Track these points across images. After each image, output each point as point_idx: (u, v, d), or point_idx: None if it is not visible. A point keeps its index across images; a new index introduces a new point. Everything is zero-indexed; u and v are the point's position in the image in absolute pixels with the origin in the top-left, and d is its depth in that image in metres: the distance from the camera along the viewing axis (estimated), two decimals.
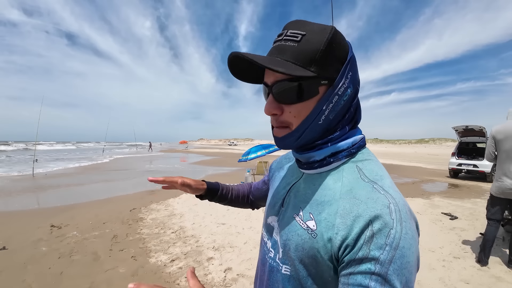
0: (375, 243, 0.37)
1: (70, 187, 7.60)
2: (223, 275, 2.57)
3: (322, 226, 0.43)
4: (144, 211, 4.90)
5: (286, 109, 0.46)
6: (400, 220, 0.38)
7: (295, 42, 0.43)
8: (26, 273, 2.62)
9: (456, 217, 4.48)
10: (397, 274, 0.35)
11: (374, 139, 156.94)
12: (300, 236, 0.46)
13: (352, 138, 0.49)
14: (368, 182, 0.44)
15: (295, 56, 0.42)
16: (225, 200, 0.83)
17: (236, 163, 15.11)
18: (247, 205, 0.88)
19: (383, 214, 0.38)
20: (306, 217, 0.47)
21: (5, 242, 3.36)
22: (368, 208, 0.39)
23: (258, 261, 0.61)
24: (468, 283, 2.41)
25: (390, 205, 0.39)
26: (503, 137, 2.58)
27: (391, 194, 0.41)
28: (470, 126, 9.11)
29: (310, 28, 0.44)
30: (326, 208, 0.44)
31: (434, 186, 8.00)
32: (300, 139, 0.47)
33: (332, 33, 0.43)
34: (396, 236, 0.37)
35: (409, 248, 0.37)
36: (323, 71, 0.43)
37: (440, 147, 68.19)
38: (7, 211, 4.91)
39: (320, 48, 0.42)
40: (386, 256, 0.36)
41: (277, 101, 0.46)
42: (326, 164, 0.49)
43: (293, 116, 0.46)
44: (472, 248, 3.18)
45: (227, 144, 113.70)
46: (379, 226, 0.37)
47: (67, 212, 4.84)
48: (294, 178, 0.57)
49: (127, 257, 2.99)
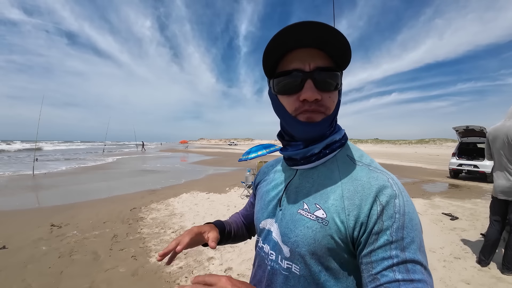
0: (386, 214, 0.41)
1: (70, 186, 7.60)
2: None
3: (332, 212, 0.45)
4: (144, 211, 4.89)
5: (324, 95, 0.47)
6: (400, 191, 0.43)
7: None
8: (26, 273, 2.62)
9: (457, 218, 4.47)
10: (411, 237, 0.40)
11: (374, 139, 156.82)
12: (310, 228, 0.47)
13: (342, 131, 0.54)
14: (363, 165, 0.49)
15: None
16: (229, 239, 0.73)
17: (236, 163, 15.10)
18: (247, 236, 0.81)
19: (386, 188, 0.43)
20: (312, 208, 0.48)
21: (5, 241, 3.36)
22: (372, 185, 0.44)
23: (256, 268, 0.60)
24: (469, 284, 2.41)
25: (389, 179, 0.45)
26: (492, 138, 2.62)
27: (386, 172, 0.48)
28: (470, 126, 9.09)
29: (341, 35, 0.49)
30: (331, 195, 0.47)
31: (435, 187, 8.00)
32: (331, 124, 0.51)
33: None
34: (401, 204, 0.42)
35: (413, 211, 0.42)
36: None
37: (441, 148, 68.16)
38: (7, 210, 4.91)
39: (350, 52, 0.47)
40: (398, 223, 0.40)
41: (319, 87, 0.46)
42: (323, 156, 0.51)
43: (332, 101, 0.48)
44: (473, 248, 3.18)
45: (227, 144, 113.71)
46: (385, 198, 0.42)
47: (67, 211, 4.84)
48: (287, 178, 0.58)
49: (127, 256, 2.99)
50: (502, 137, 2.49)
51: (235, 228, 0.77)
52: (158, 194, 6.27)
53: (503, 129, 2.49)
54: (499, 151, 2.54)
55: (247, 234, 0.81)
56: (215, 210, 4.93)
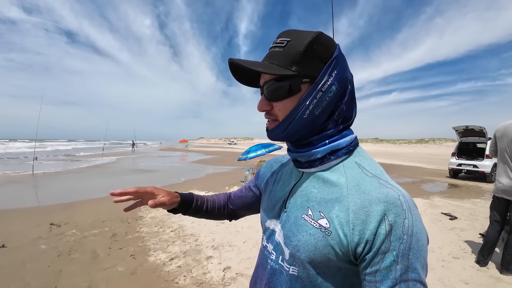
0: (394, 235, 0.40)
1: (69, 185, 7.61)
2: (222, 274, 2.57)
3: (336, 223, 0.45)
4: (144, 210, 4.89)
5: (275, 106, 0.51)
6: (409, 209, 0.42)
7: (281, 48, 0.48)
8: (25, 271, 2.62)
9: (456, 217, 4.48)
10: (417, 257, 0.40)
11: (374, 138, 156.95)
12: (312, 235, 0.47)
13: (349, 137, 0.52)
14: (372, 177, 0.47)
15: (280, 59, 0.48)
16: (199, 213, 0.76)
17: (236, 162, 15.10)
18: (224, 216, 0.82)
19: (396, 207, 0.42)
20: (316, 216, 0.48)
21: (4, 240, 3.36)
22: (381, 202, 0.42)
23: (257, 265, 0.61)
24: (467, 284, 2.41)
25: (400, 197, 0.43)
26: (500, 136, 2.59)
27: (397, 187, 0.45)
28: (470, 126, 9.10)
29: (296, 34, 0.48)
30: (336, 205, 0.46)
31: (434, 186, 8.00)
32: (287, 130, 0.50)
33: (314, 36, 0.47)
34: (409, 224, 0.41)
35: (420, 232, 0.42)
36: (304, 70, 0.47)
37: (440, 147, 68.19)
38: (6, 209, 4.91)
39: (300, 50, 0.46)
40: (405, 244, 0.40)
41: (267, 99, 0.51)
42: (327, 162, 0.51)
43: (278, 110, 0.51)
44: (472, 248, 3.18)
45: (227, 143, 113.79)
46: (395, 218, 0.41)
47: (67, 210, 4.84)
48: (294, 179, 0.58)
49: (126, 255, 2.99)
50: (509, 136, 2.47)
51: (211, 205, 0.78)
52: None
53: (511, 128, 2.48)
54: (505, 149, 2.52)
55: (226, 215, 0.81)
56: None
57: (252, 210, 0.80)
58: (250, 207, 0.79)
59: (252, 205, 0.79)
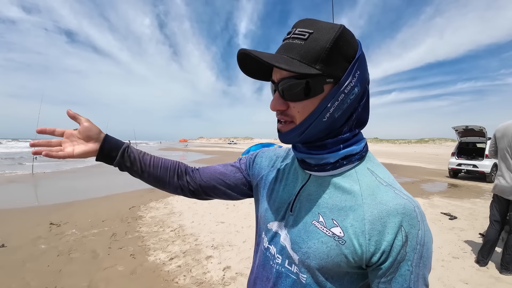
0: (410, 245, 0.41)
1: (69, 185, 7.60)
2: (222, 274, 2.57)
3: (350, 233, 0.44)
4: (143, 209, 4.89)
5: (291, 105, 0.46)
6: (422, 219, 0.43)
7: (302, 40, 0.43)
8: (25, 271, 2.62)
9: (455, 217, 4.48)
10: (425, 264, 0.42)
11: (374, 138, 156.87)
12: (325, 243, 0.45)
13: (362, 142, 0.50)
14: (387, 186, 0.46)
15: (301, 54, 0.42)
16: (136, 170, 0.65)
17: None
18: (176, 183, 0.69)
19: (412, 218, 0.42)
20: (329, 224, 0.46)
21: (4, 240, 3.36)
22: (398, 213, 0.42)
23: (257, 266, 0.59)
24: (467, 283, 2.41)
25: (415, 208, 0.43)
26: (500, 136, 2.59)
27: (411, 198, 0.45)
28: (470, 126, 9.10)
29: (318, 26, 0.43)
30: (351, 214, 0.45)
31: (434, 186, 8.01)
32: (304, 134, 0.46)
33: (340, 31, 0.43)
34: (422, 235, 0.42)
35: (430, 240, 0.43)
36: (329, 69, 0.43)
37: (440, 147, 68.23)
38: (6, 209, 4.90)
39: (326, 46, 0.41)
40: (418, 254, 0.42)
41: (283, 98, 0.46)
42: (339, 167, 0.49)
43: (297, 111, 0.46)
44: (471, 248, 3.19)
45: (227, 143, 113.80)
46: (410, 229, 0.42)
47: (66, 210, 4.84)
48: (300, 181, 0.55)
49: (126, 255, 2.99)
50: (510, 136, 2.48)
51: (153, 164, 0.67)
52: (157, 193, 6.27)
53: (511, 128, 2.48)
54: (505, 149, 2.53)
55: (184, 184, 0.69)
56: (214, 208, 4.93)
57: (230, 193, 0.69)
58: (230, 188, 0.69)
59: (233, 187, 0.69)
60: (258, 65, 0.49)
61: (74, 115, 0.60)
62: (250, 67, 0.49)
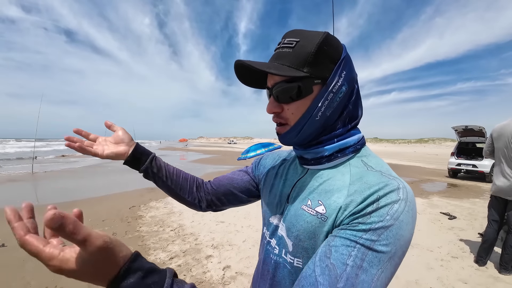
0: (378, 213, 0.39)
1: (69, 184, 7.60)
2: (221, 273, 2.58)
3: (332, 208, 0.45)
4: (143, 209, 4.90)
5: (285, 108, 0.51)
6: (406, 200, 0.41)
7: (290, 48, 0.48)
8: (25, 270, 2.62)
9: (455, 217, 4.49)
10: (388, 242, 0.38)
11: (374, 138, 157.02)
12: (310, 223, 0.47)
13: (356, 136, 0.53)
14: (376, 171, 0.47)
15: (290, 60, 0.47)
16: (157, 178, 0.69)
17: (235, 162, 15.11)
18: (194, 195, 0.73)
19: (392, 192, 0.41)
20: (314, 204, 0.48)
21: (4, 239, 3.36)
22: (380, 188, 0.42)
23: (259, 262, 0.61)
24: (466, 283, 2.42)
25: (399, 185, 0.42)
26: (497, 136, 2.60)
27: (400, 179, 0.45)
28: (469, 126, 9.12)
29: (304, 35, 0.48)
30: (336, 193, 0.46)
31: (433, 186, 8.02)
32: (300, 134, 0.50)
33: (323, 37, 0.47)
34: (399, 210, 0.39)
35: (406, 224, 0.39)
36: (316, 71, 0.47)
37: (440, 147, 68.29)
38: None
39: (312, 51, 0.46)
40: (384, 223, 0.38)
41: (277, 101, 0.51)
42: (334, 159, 0.51)
43: (291, 113, 0.50)
44: (471, 248, 3.19)
45: (227, 143, 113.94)
46: (386, 200, 0.40)
47: (66, 209, 4.70)
48: (298, 175, 0.58)
49: None
50: (507, 136, 2.48)
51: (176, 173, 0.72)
52: (157, 192, 6.27)
53: (509, 128, 2.48)
54: (502, 149, 2.53)
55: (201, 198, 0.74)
56: None
57: (240, 196, 0.73)
58: (239, 191, 0.72)
59: (242, 189, 0.72)
60: (253, 74, 0.54)
61: (110, 124, 0.69)
62: (247, 76, 0.55)
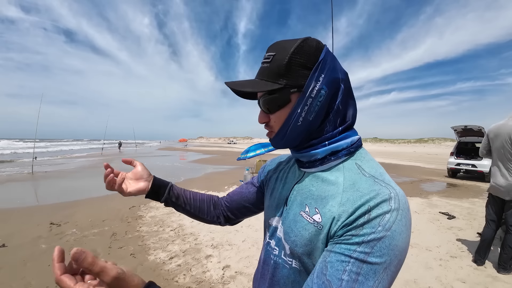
0: (370, 224, 0.40)
1: (69, 184, 7.61)
2: (221, 273, 2.59)
3: (327, 217, 0.46)
4: (143, 209, 4.91)
5: (271, 117, 0.55)
6: (398, 209, 0.41)
7: (268, 63, 0.51)
8: (25, 270, 2.63)
9: (454, 217, 4.51)
10: (382, 253, 0.38)
11: (373, 138, 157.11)
12: (307, 230, 0.48)
13: (350, 138, 0.53)
14: (369, 176, 0.47)
15: (267, 74, 0.51)
16: (177, 205, 0.74)
17: (235, 162, 15.11)
18: (214, 217, 0.78)
19: (383, 202, 0.41)
20: (312, 212, 0.49)
21: (4, 240, 3.37)
22: (371, 198, 0.42)
23: (261, 261, 0.63)
24: (465, 282, 2.43)
25: (391, 194, 0.42)
26: (493, 136, 2.61)
27: (392, 186, 0.44)
28: (469, 126, 9.14)
29: (281, 47, 0.51)
30: (330, 201, 0.47)
31: (433, 186, 8.03)
32: (285, 138, 0.53)
33: (296, 46, 0.49)
34: (390, 220, 0.40)
35: (400, 233, 0.40)
36: (291, 81, 0.49)
37: (439, 147, 68.29)
38: (6, 209, 4.92)
39: (283, 63, 0.49)
40: (377, 235, 0.39)
41: (264, 112, 0.56)
42: (327, 162, 0.52)
43: (274, 121, 0.54)
44: (469, 247, 3.21)
45: (227, 143, 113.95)
46: (377, 211, 0.40)
47: (67, 209, 4.85)
48: (296, 178, 0.60)
49: (126, 254, 3.01)
50: (504, 136, 2.48)
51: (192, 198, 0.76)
52: None
53: (506, 128, 2.49)
54: (499, 149, 2.54)
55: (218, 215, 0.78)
56: None
57: (251, 208, 0.77)
58: (250, 203, 0.76)
59: (252, 201, 0.76)
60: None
61: (129, 160, 0.73)
62: (241, 93, 0.59)
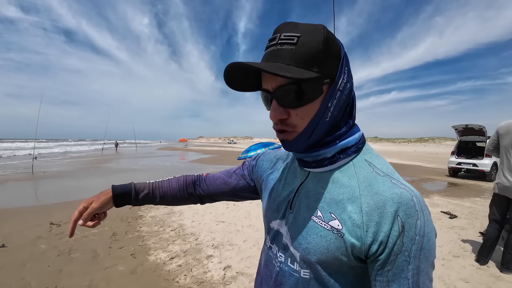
0: (407, 236, 0.40)
1: (69, 184, 7.60)
2: (222, 273, 2.57)
3: (349, 225, 0.43)
4: (144, 209, 4.89)
5: (292, 113, 0.45)
6: (422, 210, 0.41)
7: (292, 45, 0.42)
8: (25, 271, 2.62)
9: (456, 216, 4.49)
10: (427, 257, 0.40)
11: (374, 137, 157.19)
12: (324, 237, 0.45)
13: (357, 134, 0.50)
14: (384, 176, 0.45)
15: (296, 59, 0.41)
16: (149, 201, 0.75)
17: (235, 161, 15.10)
18: (189, 200, 0.77)
19: (409, 208, 0.41)
20: (327, 217, 0.46)
21: (4, 240, 3.36)
22: (394, 203, 0.41)
23: (262, 266, 0.60)
24: (468, 282, 2.41)
25: (413, 197, 0.42)
26: (503, 133, 2.57)
27: (409, 187, 0.44)
28: (469, 125, 9.11)
29: (303, 29, 0.43)
30: (348, 206, 0.45)
31: (434, 185, 8.01)
32: (310, 139, 0.46)
33: (326, 31, 0.43)
34: (421, 225, 0.40)
35: (431, 231, 0.41)
36: (325, 70, 0.43)
37: (440, 146, 68.28)
38: (6, 209, 4.90)
39: (319, 48, 0.42)
40: (417, 245, 0.40)
41: (282, 106, 0.45)
42: (336, 161, 0.49)
43: (300, 118, 0.45)
44: (472, 247, 3.19)
45: (227, 142, 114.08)
46: (407, 219, 0.40)
47: (66, 209, 4.83)
48: (299, 179, 0.55)
49: (126, 254, 2.99)
50: None
51: (161, 192, 0.75)
52: None
53: None
54: (508, 147, 2.51)
55: (193, 198, 0.76)
56: (214, 208, 4.94)
57: (234, 198, 0.76)
58: (234, 195, 0.74)
59: (236, 193, 0.74)
60: (244, 78, 0.49)
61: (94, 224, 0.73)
62: (236, 80, 0.48)
